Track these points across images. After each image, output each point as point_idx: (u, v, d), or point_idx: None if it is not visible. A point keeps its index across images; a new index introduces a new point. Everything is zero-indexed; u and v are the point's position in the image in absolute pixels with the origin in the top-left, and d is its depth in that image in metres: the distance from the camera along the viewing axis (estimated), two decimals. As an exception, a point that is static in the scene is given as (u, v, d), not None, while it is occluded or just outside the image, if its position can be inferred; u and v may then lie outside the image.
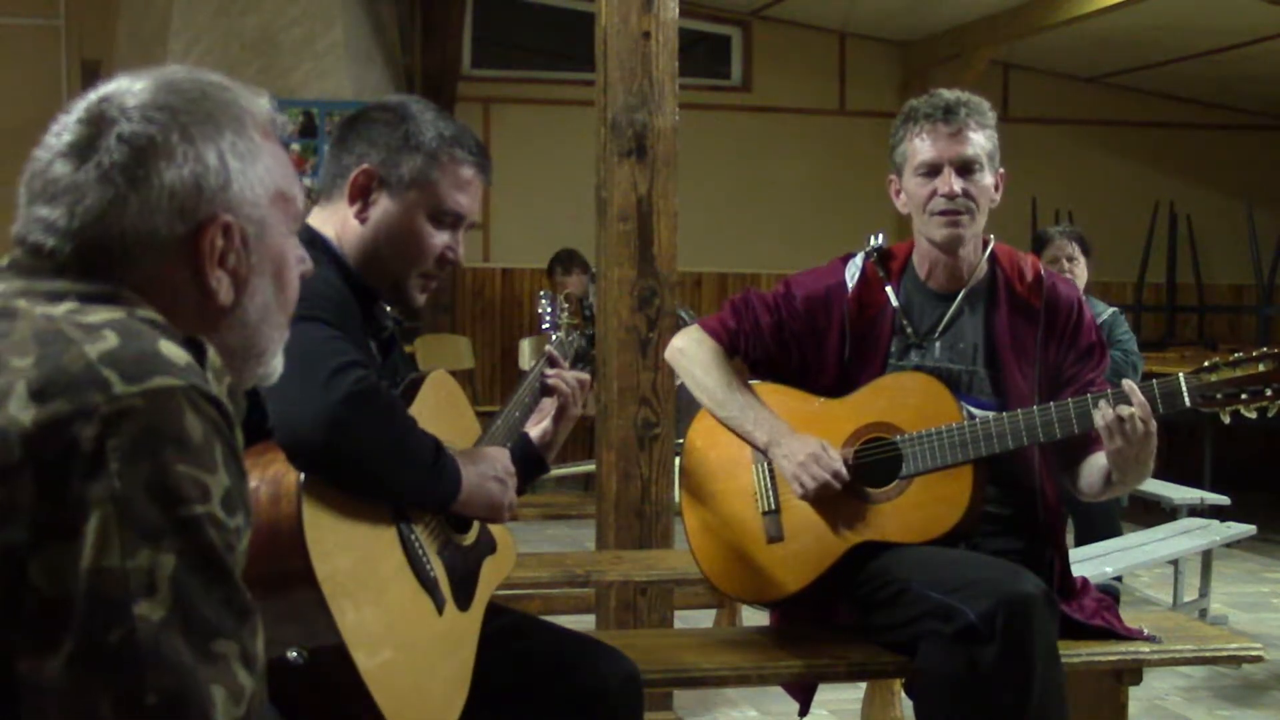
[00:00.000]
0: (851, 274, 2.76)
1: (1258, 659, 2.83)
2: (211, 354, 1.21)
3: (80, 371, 1.09)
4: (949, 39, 8.93)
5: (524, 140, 9.02)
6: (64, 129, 1.24)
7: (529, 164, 8.97)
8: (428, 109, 2.15)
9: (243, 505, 1.14)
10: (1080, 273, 4.89)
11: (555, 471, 7.29)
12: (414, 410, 2.03)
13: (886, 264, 2.77)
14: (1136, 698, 3.31)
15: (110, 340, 1.12)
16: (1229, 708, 4.23)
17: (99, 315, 1.16)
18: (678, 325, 3.36)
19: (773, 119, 9.39)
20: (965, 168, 2.64)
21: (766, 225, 9.13)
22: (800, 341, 2.76)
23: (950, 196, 2.62)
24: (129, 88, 1.25)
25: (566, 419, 2.38)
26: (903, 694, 3.11)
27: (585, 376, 2.44)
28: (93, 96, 1.26)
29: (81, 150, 1.22)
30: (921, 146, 2.67)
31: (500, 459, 2.12)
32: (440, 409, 2.14)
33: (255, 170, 1.26)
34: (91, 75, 8.41)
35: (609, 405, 3.83)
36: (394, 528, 1.93)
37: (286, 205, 1.31)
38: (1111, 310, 5.01)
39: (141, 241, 1.21)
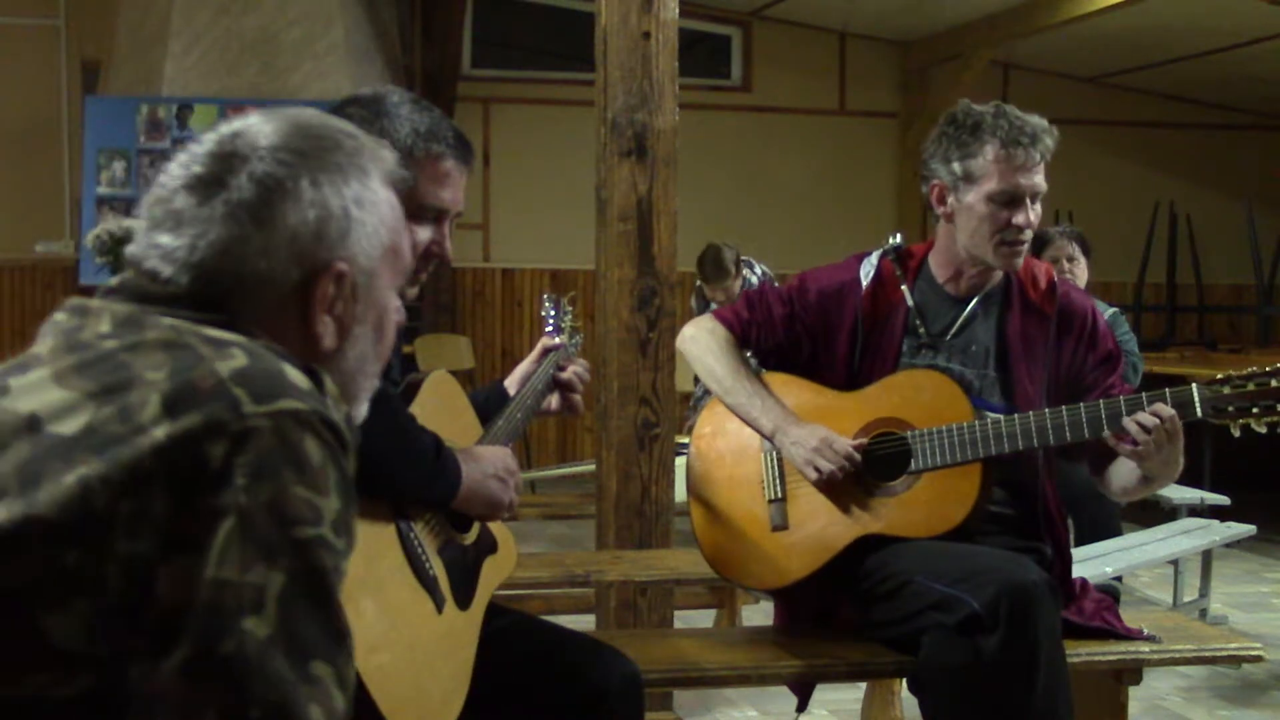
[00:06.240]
0: (866, 271, 2.76)
1: (1258, 659, 2.83)
2: (328, 382, 1.22)
3: (211, 388, 1.11)
4: (949, 39, 8.93)
5: (524, 140, 9.03)
6: (194, 160, 1.25)
7: (529, 164, 8.98)
8: (404, 101, 2.10)
9: (347, 529, 1.16)
10: (1080, 273, 4.89)
11: (555, 471, 7.31)
12: (414, 410, 2.03)
13: (904, 263, 2.77)
14: (1136, 698, 3.31)
15: (239, 358, 1.14)
16: (1229, 708, 4.22)
17: (225, 333, 1.18)
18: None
19: (773, 119, 9.39)
20: (1035, 198, 2.64)
21: (766, 225, 9.13)
22: (812, 335, 2.77)
23: (1024, 228, 2.62)
24: (261, 127, 1.26)
25: (568, 407, 2.50)
26: (903, 694, 3.11)
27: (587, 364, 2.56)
28: (225, 131, 1.27)
29: (209, 184, 1.23)
30: (1002, 172, 2.61)
31: (501, 458, 2.13)
32: (441, 409, 2.14)
33: (373, 221, 1.28)
34: (91, 75, 8.42)
35: (609, 405, 3.83)
36: (393, 525, 1.93)
37: (396, 260, 1.33)
38: (1112, 310, 5.01)
39: (258, 281, 1.22)
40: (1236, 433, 2.52)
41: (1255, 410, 2.49)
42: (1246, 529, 5.21)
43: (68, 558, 1.06)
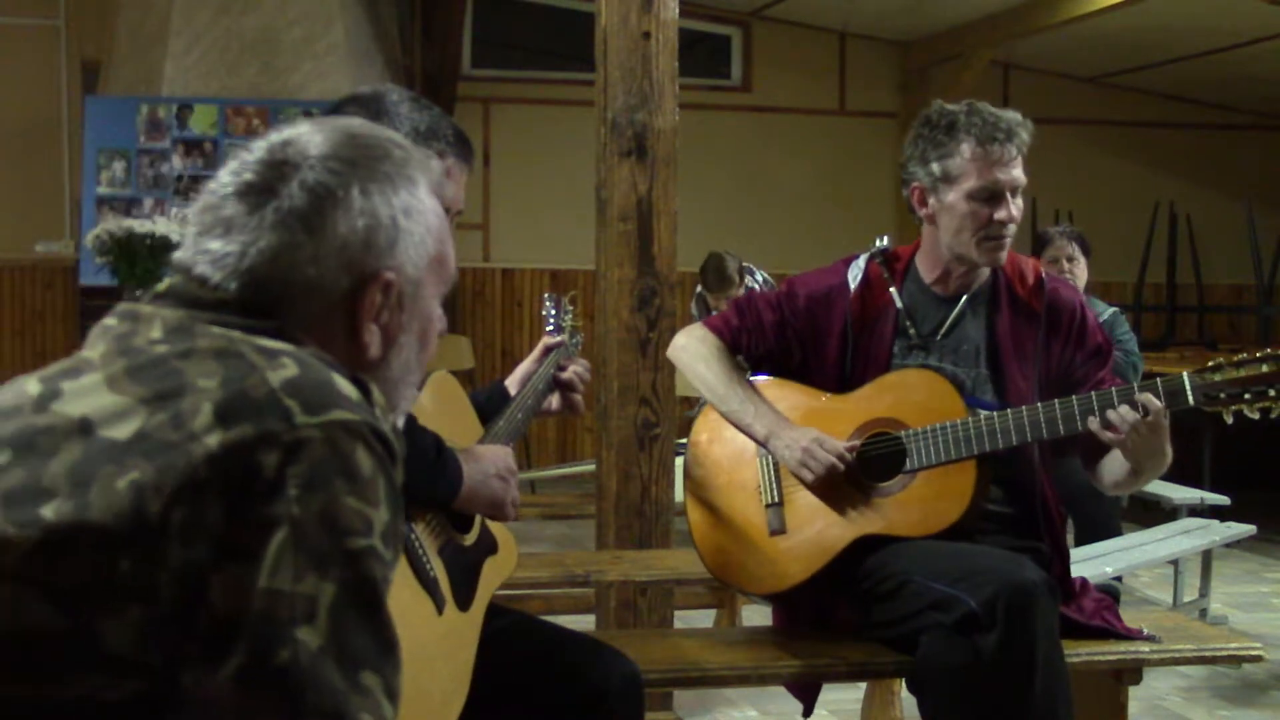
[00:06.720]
0: (854, 275, 2.77)
1: (1258, 659, 2.83)
2: (376, 392, 1.23)
3: (263, 398, 1.12)
4: (949, 39, 8.93)
5: (524, 140, 9.02)
6: (244, 167, 1.26)
7: (529, 164, 8.98)
8: (404, 100, 2.10)
9: (395, 540, 1.16)
10: (1080, 273, 4.89)
11: (555, 471, 7.31)
12: (414, 410, 2.02)
13: (890, 265, 2.78)
14: (1136, 698, 3.31)
15: (290, 368, 1.15)
16: (1229, 708, 4.23)
17: (275, 343, 1.18)
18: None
19: (773, 119, 9.39)
20: (1014, 192, 2.64)
21: (766, 225, 9.13)
22: (802, 340, 2.78)
23: (1007, 222, 2.62)
24: (312, 136, 1.27)
25: (568, 407, 2.49)
26: (902, 694, 3.11)
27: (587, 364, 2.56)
28: (275, 139, 1.28)
29: (260, 191, 1.24)
30: (980, 169, 2.61)
31: (502, 457, 2.13)
32: (441, 409, 2.14)
33: (420, 231, 1.29)
34: (91, 75, 8.42)
35: (609, 405, 3.83)
36: (394, 527, 1.92)
37: (441, 269, 1.34)
38: (1112, 310, 5.01)
39: (307, 288, 1.23)
40: (1229, 419, 2.52)
41: (1247, 396, 2.49)
42: (1246, 529, 5.21)
43: (120, 565, 1.07)
